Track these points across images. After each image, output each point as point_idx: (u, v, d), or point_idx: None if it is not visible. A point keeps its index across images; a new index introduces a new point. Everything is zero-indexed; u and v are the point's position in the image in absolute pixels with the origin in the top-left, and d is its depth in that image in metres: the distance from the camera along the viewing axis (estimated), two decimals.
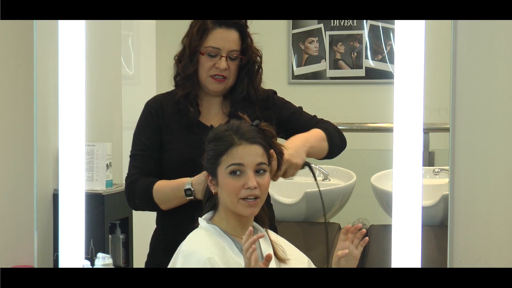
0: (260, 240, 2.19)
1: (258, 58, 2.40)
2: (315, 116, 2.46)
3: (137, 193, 2.35)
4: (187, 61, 2.38)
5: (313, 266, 2.25)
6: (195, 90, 2.38)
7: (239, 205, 2.13)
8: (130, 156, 2.41)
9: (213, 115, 2.39)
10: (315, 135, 2.38)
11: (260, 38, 2.45)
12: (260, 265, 2.00)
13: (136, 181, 2.35)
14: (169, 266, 2.16)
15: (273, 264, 2.15)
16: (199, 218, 2.20)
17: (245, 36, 2.37)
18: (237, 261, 2.09)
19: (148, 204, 2.34)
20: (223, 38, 2.35)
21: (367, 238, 2.16)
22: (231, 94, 2.41)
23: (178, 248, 2.16)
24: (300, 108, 2.47)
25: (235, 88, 2.40)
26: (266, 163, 2.16)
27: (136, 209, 2.47)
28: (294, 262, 2.21)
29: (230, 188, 2.12)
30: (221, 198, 2.16)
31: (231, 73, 2.37)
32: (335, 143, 2.41)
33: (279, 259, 2.17)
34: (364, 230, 2.16)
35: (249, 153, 2.14)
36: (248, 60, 2.37)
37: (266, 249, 2.18)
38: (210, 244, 2.11)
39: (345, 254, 2.12)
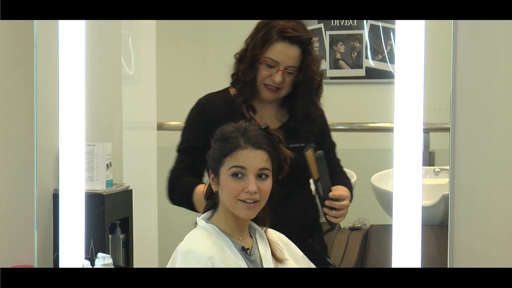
0: (258, 239, 2.20)
1: (318, 75, 2.41)
2: (339, 161, 2.52)
3: (179, 190, 2.42)
4: (247, 66, 2.41)
5: (312, 265, 2.25)
6: (253, 96, 2.42)
7: (238, 206, 2.13)
8: (177, 151, 2.47)
9: (265, 120, 2.38)
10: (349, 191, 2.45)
11: None
12: None
13: (181, 178, 2.41)
14: (168, 267, 2.16)
15: (270, 264, 2.16)
16: (197, 218, 2.20)
17: (307, 54, 2.38)
18: (236, 261, 2.09)
19: (187, 204, 2.40)
20: (283, 52, 2.37)
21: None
22: (289, 105, 2.43)
23: (176, 248, 2.16)
24: (334, 144, 2.52)
25: (294, 101, 2.42)
26: (269, 169, 2.16)
27: (174, 203, 2.50)
28: (293, 261, 2.21)
29: (230, 189, 2.13)
30: (221, 198, 2.16)
31: (286, 85, 2.40)
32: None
33: (276, 259, 2.17)
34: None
35: (253, 158, 2.14)
36: (306, 78, 2.38)
37: (264, 249, 2.18)
38: (210, 244, 2.11)
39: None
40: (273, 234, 2.26)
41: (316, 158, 2.35)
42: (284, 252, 2.22)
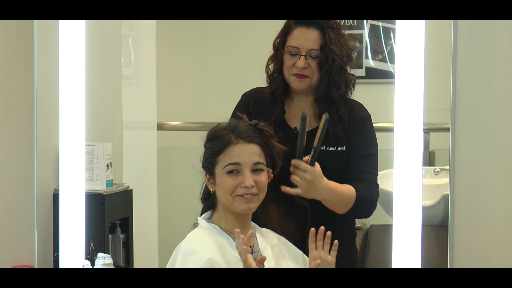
0: (258, 238, 2.20)
1: (339, 57, 2.37)
2: (371, 173, 2.39)
3: None
4: (273, 59, 2.42)
5: (307, 260, 2.24)
6: (280, 88, 2.41)
7: (235, 202, 2.13)
8: None
9: (299, 115, 2.35)
10: (346, 192, 2.33)
11: (260, 38, 2.45)
12: (256, 265, 2.00)
13: None
14: (168, 266, 2.16)
15: (271, 262, 2.16)
16: (198, 218, 2.21)
17: (325, 35, 2.36)
18: (238, 260, 2.09)
19: None
20: (302, 37, 2.37)
21: (336, 241, 2.15)
22: (317, 94, 2.41)
23: (177, 247, 2.17)
24: (372, 154, 2.42)
25: (318, 86, 2.40)
26: (263, 163, 2.16)
27: None
28: (292, 261, 2.21)
29: (227, 186, 2.13)
30: (218, 197, 2.17)
31: (313, 71, 2.38)
32: (358, 211, 2.37)
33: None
34: (329, 232, 2.15)
35: (246, 152, 2.14)
36: (326, 57, 2.36)
37: (265, 247, 2.18)
38: (211, 243, 2.12)
39: (318, 264, 2.12)
40: (271, 234, 2.26)
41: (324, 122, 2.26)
42: (284, 252, 2.22)
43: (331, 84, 2.37)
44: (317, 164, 2.26)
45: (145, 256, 3.06)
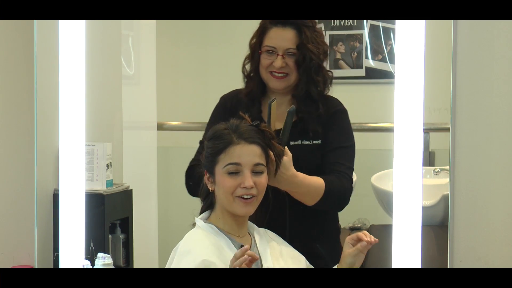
0: (256, 238, 2.20)
1: (316, 55, 2.38)
2: (344, 165, 2.38)
3: (192, 177, 2.37)
4: (250, 60, 2.44)
5: (309, 266, 2.25)
6: (257, 88, 2.42)
7: (235, 203, 2.13)
8: (199, 142, 2.43)
9: (279, 114, 2.36)
10: (314, 184, 2.31)
11: None
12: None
13: (196, 166, 2.35)
14: (166, 266, 2.16)
15: (270, 262, 2.16)
16: (196, 218, 2.21)
17: (301, 34, 2.37)
18: None
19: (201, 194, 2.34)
20: (278, 37, 2.38)
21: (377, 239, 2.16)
22: (296, 92, 2.42)
23: (175, 248, 2.17)
24: (347, 147, 2.41)
25: (297, 85, 2.41)
26: (263, 164, 2.16)
27: (189, 193, 2.45)
28: (291, 261, 2.21)
29: (227, 186, 2.13)
30: (218, 196, 2.17)
31: (291, 69, 2.39)
32: (328, 203, 2.34)
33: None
34: (377, 239, 2.15)
35: (247, 153, 2.14)
36: (304, 56, 2.37)
37: (263, 247, 2.18)
38: (208, 244, 2.12)
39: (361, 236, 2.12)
40: (270, 234, 2.26)
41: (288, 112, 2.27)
42: (284, 252, 2.22)
43: (310, 83, 2.39)
44: (287, 155, 2.24)
45: (145, 256, 3.06)
